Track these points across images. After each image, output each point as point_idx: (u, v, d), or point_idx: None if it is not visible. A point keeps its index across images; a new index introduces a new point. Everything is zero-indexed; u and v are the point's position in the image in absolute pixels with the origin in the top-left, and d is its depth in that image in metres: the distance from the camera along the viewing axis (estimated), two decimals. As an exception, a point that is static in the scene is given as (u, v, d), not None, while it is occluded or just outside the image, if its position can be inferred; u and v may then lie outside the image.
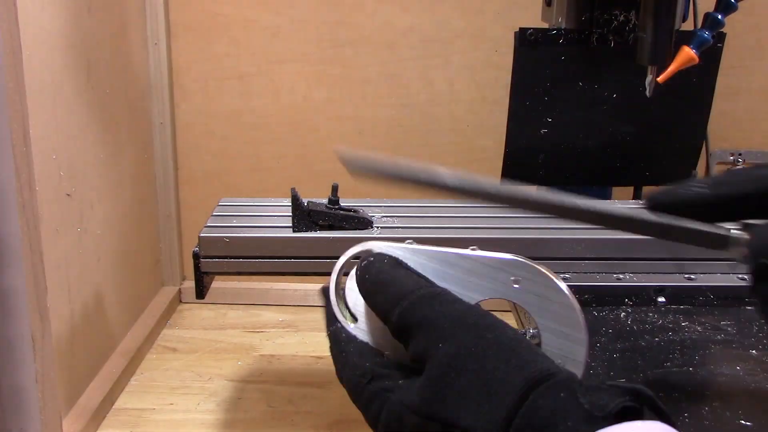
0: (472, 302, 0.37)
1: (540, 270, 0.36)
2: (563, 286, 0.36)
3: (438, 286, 0.37)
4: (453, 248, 0.38)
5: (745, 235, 0.36)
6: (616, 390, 0.30)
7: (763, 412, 0.50)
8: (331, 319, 0.40)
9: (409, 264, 0.39)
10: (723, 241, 0.37)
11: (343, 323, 0.40)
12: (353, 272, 0.39)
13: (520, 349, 0.32)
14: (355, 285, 0.39)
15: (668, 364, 0.57)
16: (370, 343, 0.39)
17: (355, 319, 0.40)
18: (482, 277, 0.38)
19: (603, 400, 0.29)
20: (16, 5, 0.69)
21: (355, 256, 0.40)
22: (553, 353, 0.36)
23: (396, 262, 0.39)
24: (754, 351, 0.57)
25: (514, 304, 0.38)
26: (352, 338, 0.39)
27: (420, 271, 0.38)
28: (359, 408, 0.37)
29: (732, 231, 0.38)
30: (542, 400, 0.30)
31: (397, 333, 0.36)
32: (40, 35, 0.84)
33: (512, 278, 0.37)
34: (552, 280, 0.36)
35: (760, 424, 0.48)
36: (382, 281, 0.38)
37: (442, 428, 0.32)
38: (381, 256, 0.39)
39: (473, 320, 0.34)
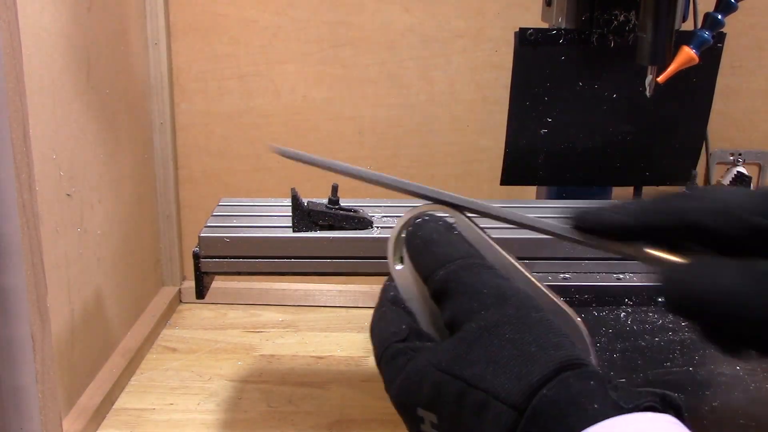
0: None
1: (556, 302, 0.37)
2: (574, 314, 0.37)
3: (488, 261, 0.37)
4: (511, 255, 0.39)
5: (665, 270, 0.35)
6: (645, 393, 0.30)
7: (763, 412, 0.50)
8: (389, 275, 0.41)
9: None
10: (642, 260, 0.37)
11: (391, 266, 0.40)
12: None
13: (560, 335, 0.33)
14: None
15: (668, 364, 0.57)
16: (404, 296, 0.39)
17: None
18: None
19: (631, 396, 0.30)
20: (16, 5, 0.69)
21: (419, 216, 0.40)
22: None
23: (450, 227, 0.39)
24: (753, 351, 0.57)
25: None
26: (397, 300, 0.40)
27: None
28: (380, 366, 0.37)
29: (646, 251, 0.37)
30: (573, 380, 0.30)
31: (437, 292, 0.37)
32: (40, 35, 0.84)
33: None
34: (567, 313, 0.37)
35: (760, 424, 0.49)
36: (434, 240, 0.38)
37: (463, 388, 0.32)
38: (436, 218, 0.39)
39: (519, 297, 0.35)
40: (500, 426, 0.31)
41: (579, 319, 0.36)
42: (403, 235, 0.40)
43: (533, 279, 0.38)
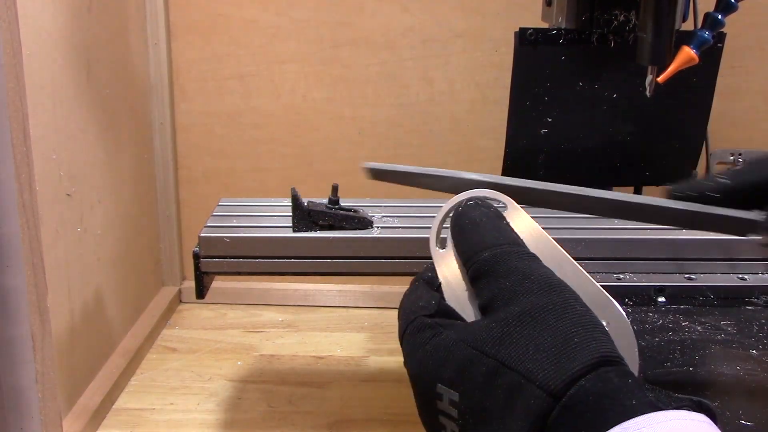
0: None
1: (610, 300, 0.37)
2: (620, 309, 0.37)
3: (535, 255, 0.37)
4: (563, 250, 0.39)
5: None
6: (681, 398, 0.30)
7: (763, 412, 0.50)
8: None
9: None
10: (750, 226, 0.38)
11: (432, 248, 0.40)
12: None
13: (602, 331, 0.32)
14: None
15: (668, 364, 0.57)
16: (440, 279, 0.39)
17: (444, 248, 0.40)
18: None
19: (668, 399, 0.30)
20: (16, 5, 0.69)
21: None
22: None
23: (500, 214, 0.39)
24: (754, 351, 0.57)
25: None
26: (431, 281, 0.40)
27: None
28: (403, 338, 0.37)
29: (759, 215, 0.38)
30: (612, 375, 0.30)
31: (478, 273, 0.36)
32: (40, 35, 0.84)
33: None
34: (614, 306, 0.36)
35: (760, 424, 0.48)
36: (481, 223, 0.38)
37: (496, 367, 0.32)
38: (487, 204, 0.40)
39: (564, 288, 0.34)
40: (531, 410, 0.30)
41: (624, 315, 0.36)
42: (449, 218, 0.40)
43: (583, 271, 0.37)
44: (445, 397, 0.34)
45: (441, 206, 0.41)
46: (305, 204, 0.76)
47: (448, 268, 0.39)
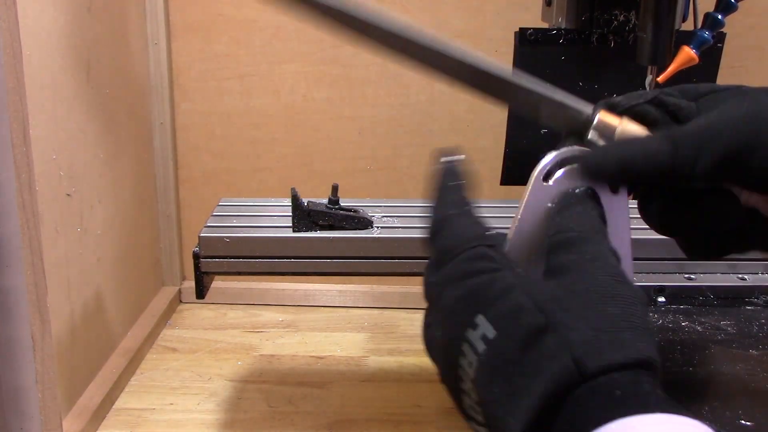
0: None
1: None
2: None
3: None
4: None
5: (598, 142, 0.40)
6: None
7: (763, 412, 0.50)
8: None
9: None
10: (578, 122, 0.40)
11: (536, 178, 0.42)
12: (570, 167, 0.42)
13: (651, 338, 0.33)
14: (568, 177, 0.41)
15: (668, 364, 0.57)
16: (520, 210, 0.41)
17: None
18: None
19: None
20: (16, 5, 0.69)
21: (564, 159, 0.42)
22: None
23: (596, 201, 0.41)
24: (754, 351, 0.57)
25: None
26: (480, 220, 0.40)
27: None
28: (455, 260, 0.36)
29: (595, 117, 0.41)
30: (645, 379, 0.31)
31: (566, 231, 0.37)
32: (40, 35, 0.84)
33: None
34: None
35: (760, 424, 0.49)
36: (583, 207, 0.39)
37: (543, 324, 0.32)
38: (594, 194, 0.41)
39: (633, 290, 0.35)
40: (555, 378, 0.30)
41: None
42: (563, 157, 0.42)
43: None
44: (479, 329, 0.33)
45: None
46: (305, 204, 0.76)
47: (530, 211, 0.40)
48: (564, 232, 0.37)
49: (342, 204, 0.78)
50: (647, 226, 0.42)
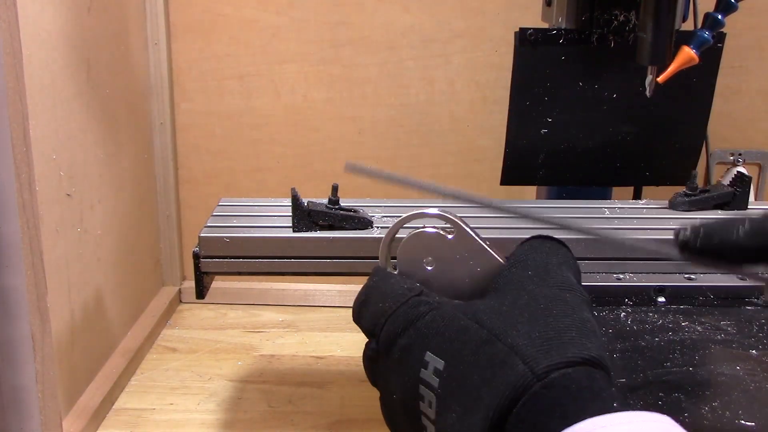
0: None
1: None
2: None
3: None
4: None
5: None
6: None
7: (763, 412, 0.50)
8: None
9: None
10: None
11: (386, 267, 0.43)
12: (408, 236, 0.43)
13: (599, 340, 0.33)
14: (406, 249, 0.43)
15: (668, 364, 0.57)
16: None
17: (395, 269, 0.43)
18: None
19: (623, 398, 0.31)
20: (16, 5, 0.69)
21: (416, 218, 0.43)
22: None
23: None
24: (754, 351, 0.57)
25: None
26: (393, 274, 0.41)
27: None
28: (394, 316, 0.37)
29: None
30: (598, 375, 0.31)
31: (510, 262, 0.39)
32: (40, 35, 0.84)
33: None
34: None
35: (760, 424, 0.48)
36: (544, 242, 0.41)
37: (487, 337, 0.33)
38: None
39: (577, 293, 0.35)
40: (510, 383, 0.31)
41: None
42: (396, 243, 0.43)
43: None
44: (430, 365, 0.34)
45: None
46: (305, 204, 0.76)
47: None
48: (513, 256, 0.39)
49: (342, 204, 0.78)
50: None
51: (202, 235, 0.76)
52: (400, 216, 0.43)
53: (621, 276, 0.71)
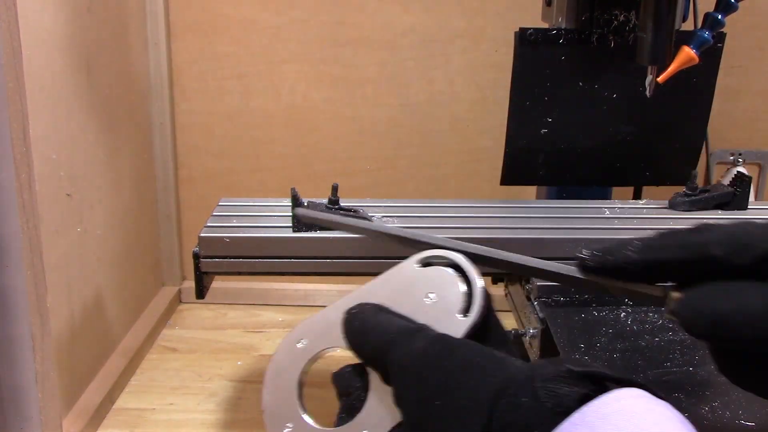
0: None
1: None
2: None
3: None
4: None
5: (678, 297, 0.36)
6: (573, 375, 0.32)
7: (763, 412, 0.50)
8: None
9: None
10: (661, 300, 0.38)
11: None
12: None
13: (483, 364, 0.35)
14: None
15: (668, 364, 0.57)
16: None
17: None
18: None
19: (562, 391, 0.31)
20: (16, 5, 0.69)
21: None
22: None
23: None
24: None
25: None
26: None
27: None
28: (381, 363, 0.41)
29: (670, 292, 0.37)
30: (508, 415, 0.31)
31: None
32: (40, 35, 0.84)
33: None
34: None
35: (760, 424, 0.49)
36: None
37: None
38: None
39: (435, 355, 0.37)
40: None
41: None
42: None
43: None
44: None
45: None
46: (305, 204, 0.76)
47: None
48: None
49: (342, 204, 0.78)
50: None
51: (202, 235, 0.76)
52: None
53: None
